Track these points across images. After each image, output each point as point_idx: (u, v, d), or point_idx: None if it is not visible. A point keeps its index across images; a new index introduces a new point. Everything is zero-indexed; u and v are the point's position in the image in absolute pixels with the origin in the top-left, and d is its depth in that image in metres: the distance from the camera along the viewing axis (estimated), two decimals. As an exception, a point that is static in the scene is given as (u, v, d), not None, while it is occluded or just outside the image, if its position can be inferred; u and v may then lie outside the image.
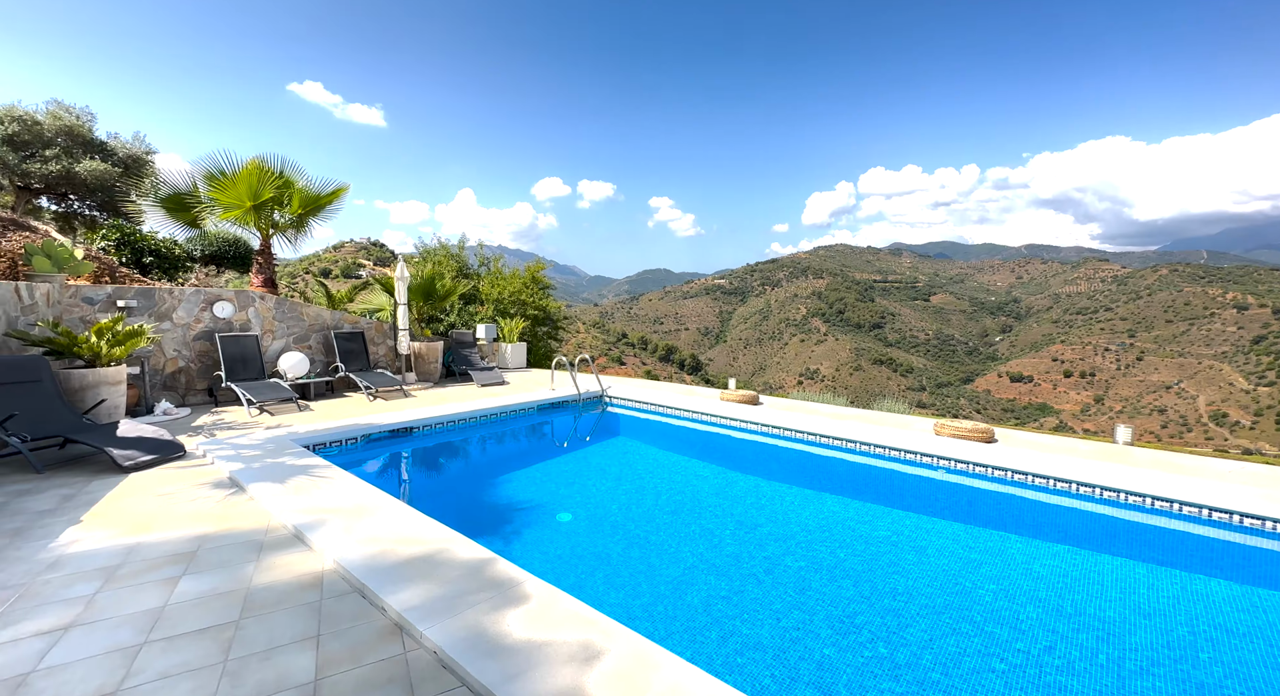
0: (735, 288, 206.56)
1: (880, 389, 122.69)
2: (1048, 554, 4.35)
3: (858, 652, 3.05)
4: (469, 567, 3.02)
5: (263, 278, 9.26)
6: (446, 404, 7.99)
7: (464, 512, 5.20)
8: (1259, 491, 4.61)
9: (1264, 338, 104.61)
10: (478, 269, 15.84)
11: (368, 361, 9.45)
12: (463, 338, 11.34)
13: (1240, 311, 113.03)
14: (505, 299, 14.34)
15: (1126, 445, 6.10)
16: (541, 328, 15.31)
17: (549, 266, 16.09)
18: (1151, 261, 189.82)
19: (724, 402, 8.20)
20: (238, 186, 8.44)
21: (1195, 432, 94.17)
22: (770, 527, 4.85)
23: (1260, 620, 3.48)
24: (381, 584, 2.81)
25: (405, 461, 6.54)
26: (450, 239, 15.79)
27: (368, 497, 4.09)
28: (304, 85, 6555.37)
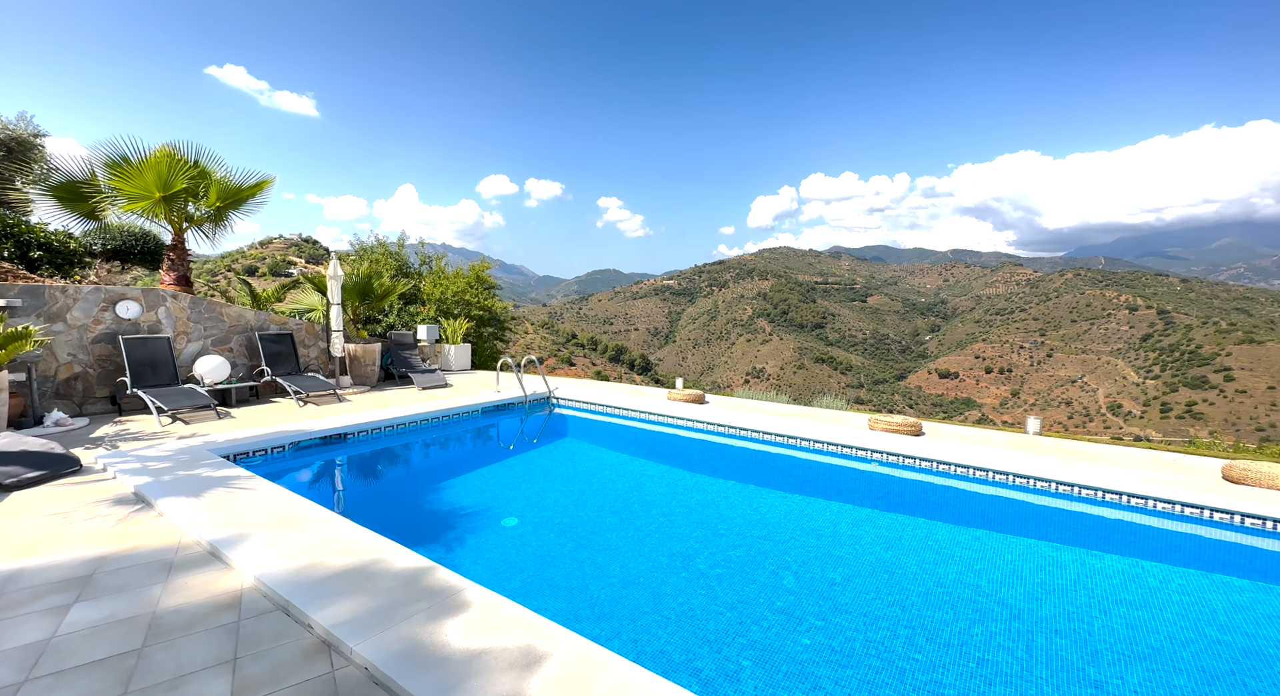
0: (684, 288, 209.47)
1: (822, 386, 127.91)
2: (969, 538, 4.66)
3: (798, 640, 3.15)
4: (405, 577, 2.89)
5: (175, 275, 8.53)
6: (384, 408, 7.64)
7: (403, 521, 4.99)
8: (1142, 473, 5.13)
9: (1150, 336, 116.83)
10: (419, 268, 15.26)
11: (297, 365, 8.89)
12: (402, 339, 10.88)
13: (1131, 312, 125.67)
14: (448, 299, 13.89)
15: (1036, 435, 6.64)
16: (487, 328, 14.94)
17: (495, 266, 15.71)
18: (1058, 266, 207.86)
19: (671, 402, 8.28)
20: (144, 175, 7.72)
21: (1096, 422, 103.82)
22: (717, 524, 4.93)
23: (1145, 589, 3.87)
24: (308, 599, 2.64)
25: (339, 469, 6.20)
26: (389, 236, 15.14)
27: (295, 509, 3.84)
28: (224, 69, 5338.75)
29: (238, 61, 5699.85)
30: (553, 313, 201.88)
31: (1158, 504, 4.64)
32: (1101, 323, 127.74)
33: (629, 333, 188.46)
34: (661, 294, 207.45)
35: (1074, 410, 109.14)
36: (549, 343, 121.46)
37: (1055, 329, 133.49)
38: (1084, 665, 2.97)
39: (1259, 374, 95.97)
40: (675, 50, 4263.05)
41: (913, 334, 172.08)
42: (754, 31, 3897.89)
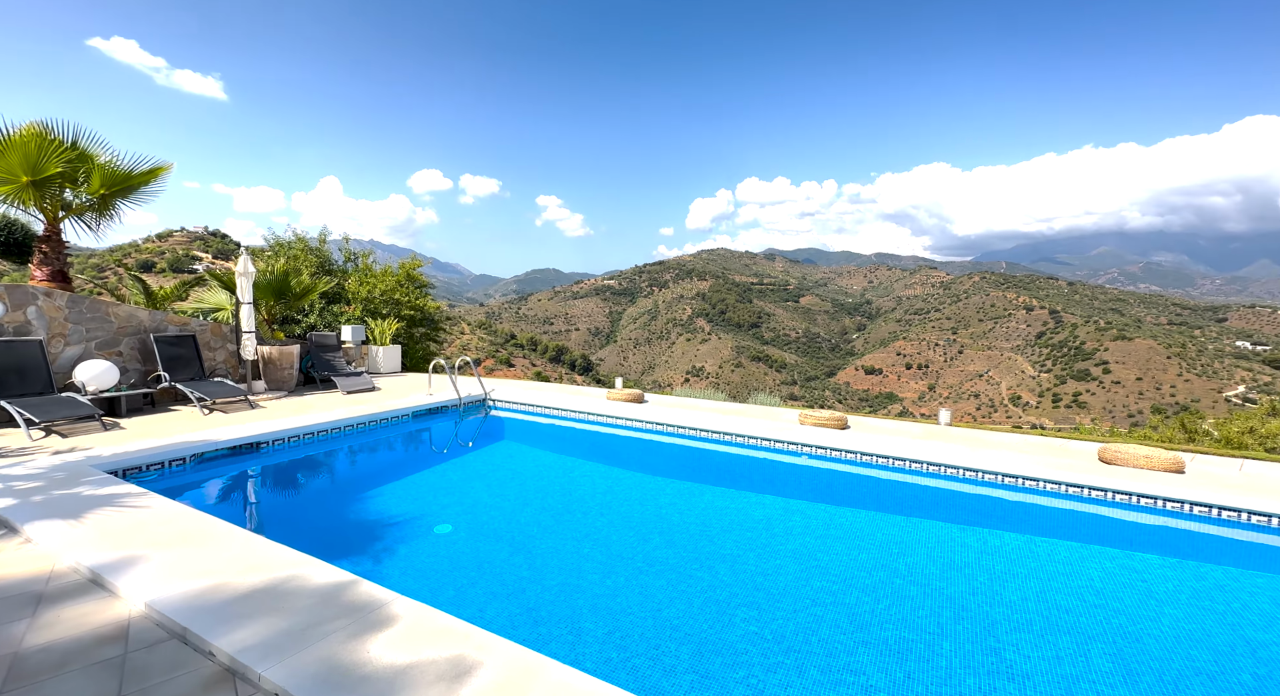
0: (625, 288, 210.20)
1: (758, 384, 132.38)
2: (888, 524, 4.97)
3: (733, 631, 3.24)
4: (324, 593, 2.71)
5: (49, 270, 7.56)
6: (303, 414, 7.14)
7: (325, 534, 4.69)
8: (1033, 458, 5.69)
9: (1044, 333, 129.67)
10: (344, 265, 14.39)
11: (201, 369, 8.13)
12: (325, 340, 10.22)
13: (1028, 312, 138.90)
14: (376, 298, 13.19)
15: (947, 426, 7.20)
16: (418, 329, 14.32)
17: (427, 264, 15.08)
18: (967, 270, 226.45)
19: (610, 402, 8.29)
20: (7, 157, 6.79)
21: (1000, 412, 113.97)
22: (654, 522, 4.98)
23: (1035, 562, 4.29)
24: (210, 624, 2.42)
25: (251, 482, 5.73)
26: (310, 231, 14.15)
27: (197, 527, 3.51)
28: (111, 42, 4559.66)
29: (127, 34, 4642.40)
30: (491, 312, 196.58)
31: (1046, 484, 5.16)
32: (1004, 321, 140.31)
33: (569, 333, 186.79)
34: (602, 294, 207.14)
35: (981, 402, 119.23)
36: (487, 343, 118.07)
37: (965, 327, 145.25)
38: (984, 636, 3.25)
39: (1130, 366, 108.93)
40: (613, 50, 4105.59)
41: (841, 333, 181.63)
42: (690, 34, 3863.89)
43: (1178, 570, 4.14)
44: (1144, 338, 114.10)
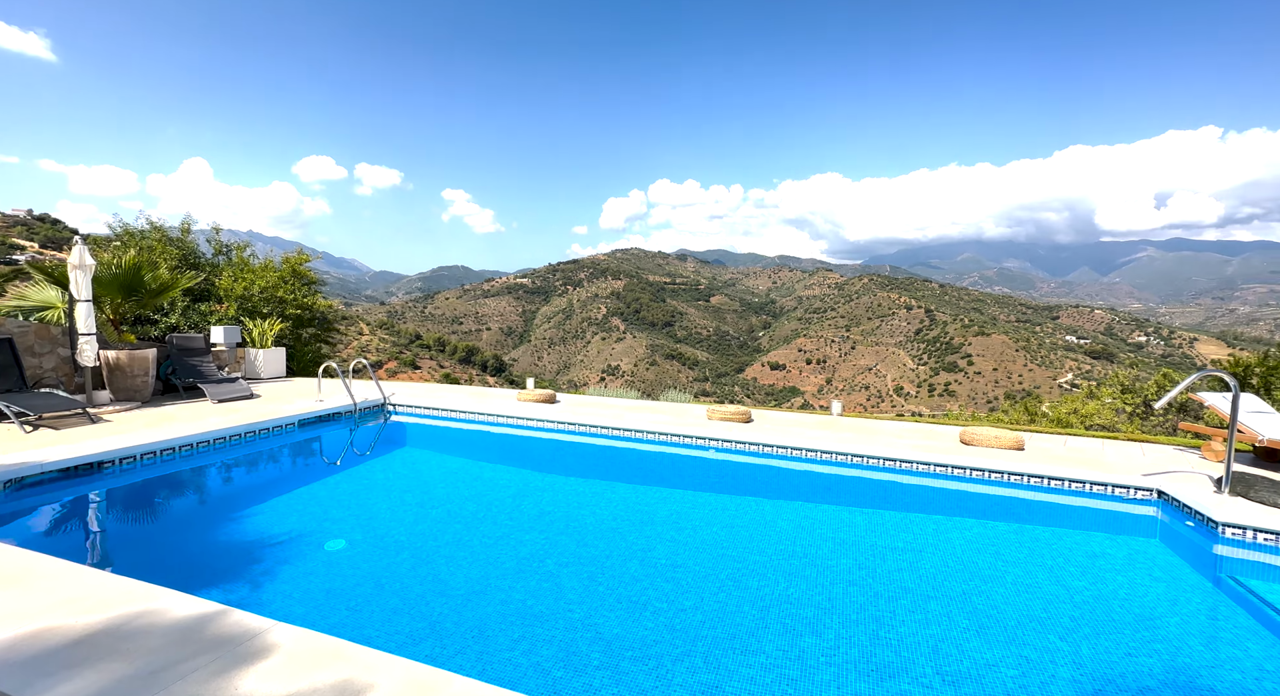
0: (538, 287, 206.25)
1: (672, 381, 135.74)
2: (788, 510, 5.31)
3: (644, 624, 3.29)
4: (184, 629, 2.40)
5: None
6: (160, 428, 6.26)
7: (190, 562, 4.15)
8: (909, 442, 6.35)
9: (921, 330, 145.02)
10: (213, 258, 12.79)
11: (22, 379, 6.86)
12: (189, 343, 9.03)
13: (908, 311, 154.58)
14: (255, 296, 11.87)
15: (839, 416, 7.83)
16: (307, 329, 13.09)
17: (317, 258, 13.82)
18: (858, 272, 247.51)
19: (521, 403, 8.10)
20: None
21: (886, 402, 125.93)
22: (567, 523, 4.94)
23: (910, 536, 4.79)
24: (30, 678, 2.05)
25: (93, 509, 4.93)
26: (170, 219, 12.43)
27: (15, 566, 2.96)
28: None
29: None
30: (393, 311, 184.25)
31: (918, 465, 5.78)
32: (888, 320, 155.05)
33: (480, 332, 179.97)
34: (515, 292, 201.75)
35: (871, 393, 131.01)
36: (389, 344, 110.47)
37: (857, 325, 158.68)
38: (868, 605, 3.57)
39: (988, 359, 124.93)
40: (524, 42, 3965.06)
41: (749, 331, 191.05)
42: (603, 31, 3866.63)
43: (1019, 534, 4.81)
44: (998, 333, 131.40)
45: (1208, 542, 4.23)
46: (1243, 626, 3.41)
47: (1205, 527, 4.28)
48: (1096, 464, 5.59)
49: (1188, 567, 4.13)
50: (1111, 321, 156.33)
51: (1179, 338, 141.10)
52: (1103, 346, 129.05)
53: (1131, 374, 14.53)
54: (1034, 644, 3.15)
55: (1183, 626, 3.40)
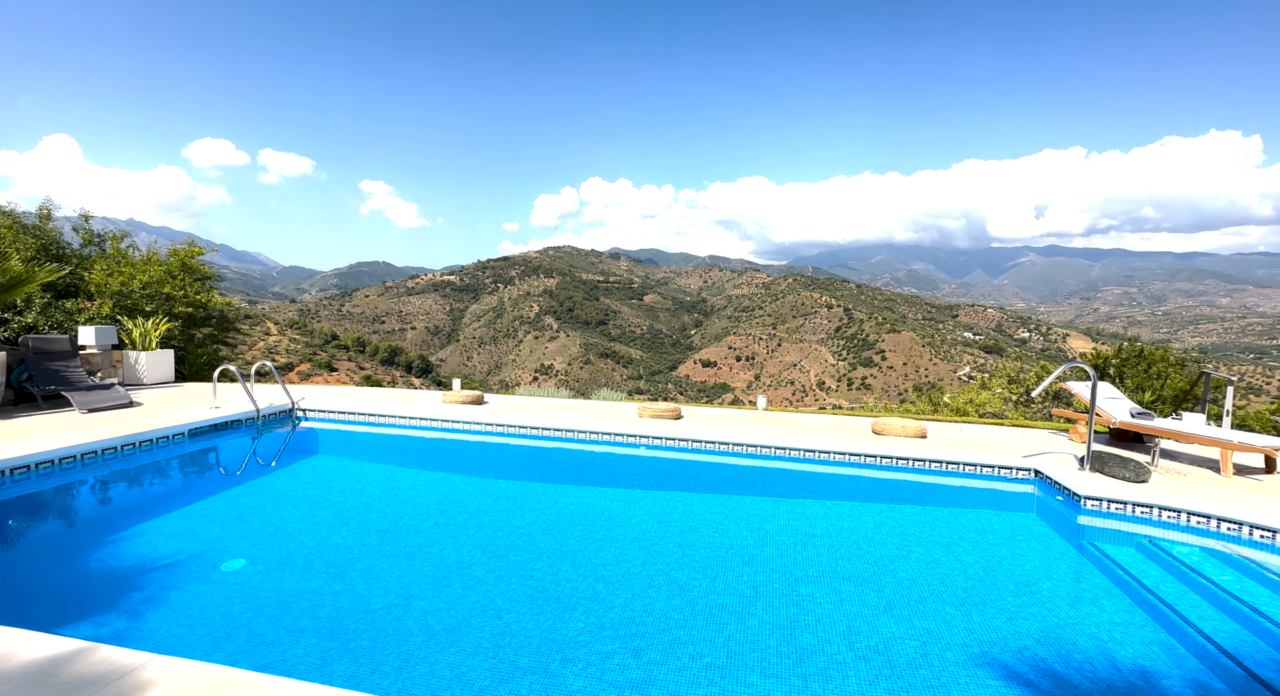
0: (467, 284, 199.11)
1: (606, 380, 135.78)
2: (716, 503, 5.47)
3: (574, 624, 3.27)
4: (36, 672, 2.10)
5: None
6: (9, 443, 5.45)
7: (50, 597, 3.64)
8: (827, 434, 6.74)
9: (840, 328, 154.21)
10: (82, 249, 11.28)
11: None
12: (50, 345, 7.91)
13: (829, 309, 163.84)
14: (135, 292, 10.59)
15: (764, 411, 8.17)
16: (200, 329, 11.87)
17: (211, 251, 12.53)
18: (783, 272, 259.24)
19: (447, 405, 7.79)
20: None
21: (810, 396, 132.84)
22: (496, 527, 4.81)
23: (828, 522, 5.08)
24: None
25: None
26: (24, 203, 10.81)
27: None
28: None
29: None
30: (306, 310, 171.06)
31: (834, 455, 6.15)
32: (811, 318, 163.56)
33: (405, 332, 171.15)
34: (442, 290, 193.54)
35: (796, 388, 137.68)
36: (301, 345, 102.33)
37: (783, 323, 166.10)
38: (789, 590, 3.75)
39: (899, 354, 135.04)
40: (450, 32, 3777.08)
41: (681, 329, 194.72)
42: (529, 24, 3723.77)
43: (922, 514, 5.24)
44: (908, 330, 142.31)
45: (1073, 514, 4.81)
46: (1099, 585, 3.91)
47: (1071, 501, 4.86)
48: (986, 448, 6.19)
49: (1058, 537, 4.68)
50: (1001, 319, 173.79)
51: (1055, 333, 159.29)
52: (994, 341, 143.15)
53: (1016, 366, 16.23)
54: (933, 615, 3.44)
55: (1053, 589, 3.84)
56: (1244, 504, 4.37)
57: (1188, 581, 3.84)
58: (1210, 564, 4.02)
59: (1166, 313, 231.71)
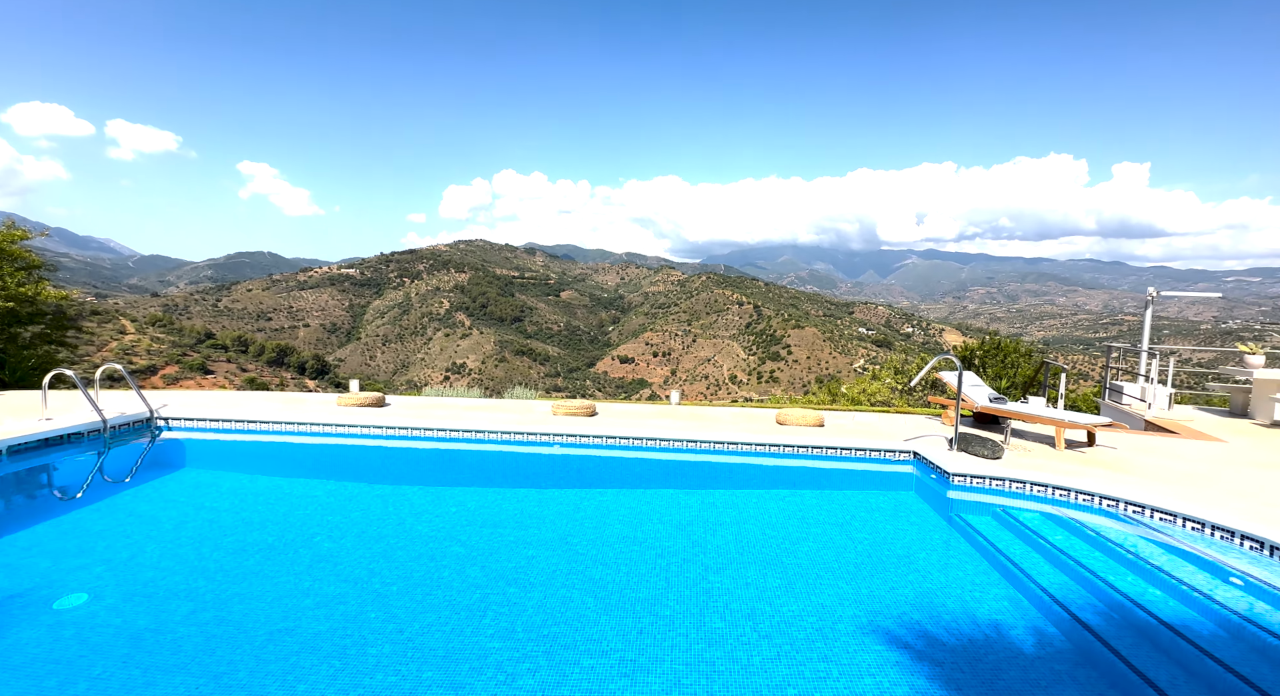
0: (369, 278, 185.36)
1: (523, 378, 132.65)
2: (631, 498, 5.53)
3: (484, 631, 3.16)
4: None
5: None
6: None
7: None
8: (736, 426, 7.05)
9: (750, 324, 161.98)
10: None
11: None
12: None
13: (740, 306, 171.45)
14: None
15: (677, 405, 8.38)
16: (28, 328, 10.05)
17: (41, 235, 10.62)
18: (697, 270, 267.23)
19: (343, 409, 7.21)
20: None
21: (723, 390, 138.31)
22: (397, 536, 4.53)
23: (735, 510, 5.32)
24: None
25: None
26: None
27: None
28: None
29: None
30: (172, 305, 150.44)
31: (742, 446, 6.45)
32: (723, 314, 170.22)
33: (296, 329, 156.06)
34: (340, 284, 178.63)
35: (710, 382, 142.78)
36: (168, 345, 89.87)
37: (697, 320, 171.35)
38: (699, 579, 3.88)
39: (803, 348, 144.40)
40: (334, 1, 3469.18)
41: (599, 325, 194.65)
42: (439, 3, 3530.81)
43: (819, 498, 5.64)
44: (810, 326, 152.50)
45: (943, 490, 5.40)
46: (964, 552, 4.43)
47: (942, 478, 5.46)
48: (875, 433, 6.79)
49: (931, 511, 5.24)
50: (890, 316, 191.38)
51: (933, 328, 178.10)
52: (884, 336, 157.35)
53: (901, 358, 17.96)
54: (829, 591, 3.72)
55: (928, 559, 4.30)
56: (1070, 473, 5.15)
57: (1030, 542, 4.46)
58: (1046, 526, 4.70)
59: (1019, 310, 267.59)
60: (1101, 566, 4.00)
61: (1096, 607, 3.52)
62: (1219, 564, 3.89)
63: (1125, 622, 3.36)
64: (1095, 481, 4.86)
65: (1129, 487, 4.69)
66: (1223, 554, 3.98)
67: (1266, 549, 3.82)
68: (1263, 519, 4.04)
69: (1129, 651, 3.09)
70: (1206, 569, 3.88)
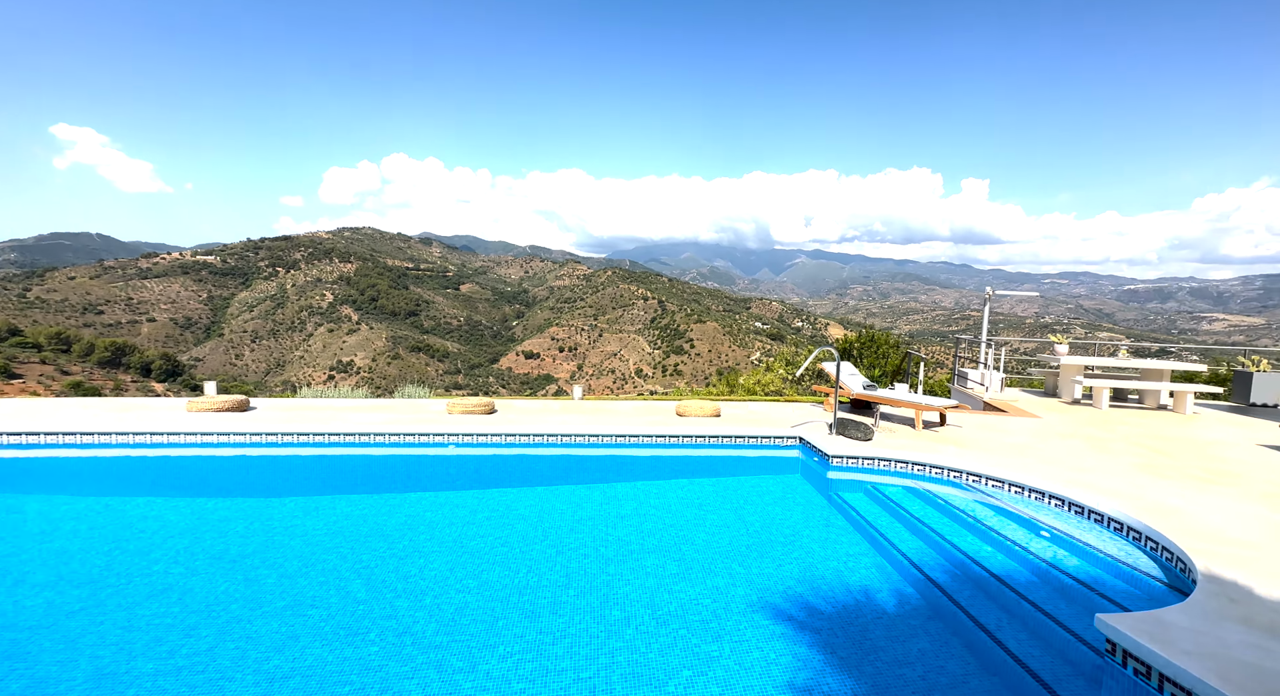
0: (233, 267, 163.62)
1: (420, 375, 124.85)
2: (532, 496, 5.42)
3: (366, 649, 2.93)
4: None
5: None
6: None
7: None
8: (638, 418, 7.17)
9: (655, 318, 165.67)
10: None
11: None
12: None
13: (645, 301, 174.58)
14: None
15: (580, 400, 8.34)
16: None
17: None
18: (603, 265, 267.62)
19: (195, 415, 6.31)
20: None
21: (629, 384, 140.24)
22: (263, 556, 4.06)
23: (637, 502, 5.40)
24: None
25: None
26: None
27: None
28: None
29: None
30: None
31: (643, 438, 6.58)
32: (629, 309, 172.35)
33: (137, 325, 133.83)
34: (195, 272, 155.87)
35: (617, 377, 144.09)
36: (-49, 344, 72.58)
37: (603, 314, 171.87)
38: (600, 571, 3.90)
39: (704, 342, 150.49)
40: None
41: (502, 320, 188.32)
42: None
43: (716, 485, 5.91)
44: (711, 321, 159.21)
45: (824, 471, 5.90)
46: (841, 527, 4.88)
47: (824, 460, 5.96)
48: (767, 421, 7.24)
49: (814, 491, 5.71)
50: (782, 311, 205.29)
51: (820, 323, 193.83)
52: (778, 330, 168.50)
53: (792, 351, 19.33)
54: (723, 574, 3.90)
55: (811, 535, 4.67)
56: (925, 450, 5.86)
57: (894, 513, 5.02)
58: (907, 498, 5.31)
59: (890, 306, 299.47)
60: (948, 530, 4.60)
61: (944, 566, 4.04)
62: (1034, 520, 4.64)
63: (965, 577, 3.89)
64: (943, 456, 5.58)
65: (968, 460, 5.43)
66: (1036, 512, 4.75)
67: (1066, 505, 4.62)
68: (1065, 481, 4.87)
69: (967, 602, 3.58)
70: (1024, 525, 4.61)
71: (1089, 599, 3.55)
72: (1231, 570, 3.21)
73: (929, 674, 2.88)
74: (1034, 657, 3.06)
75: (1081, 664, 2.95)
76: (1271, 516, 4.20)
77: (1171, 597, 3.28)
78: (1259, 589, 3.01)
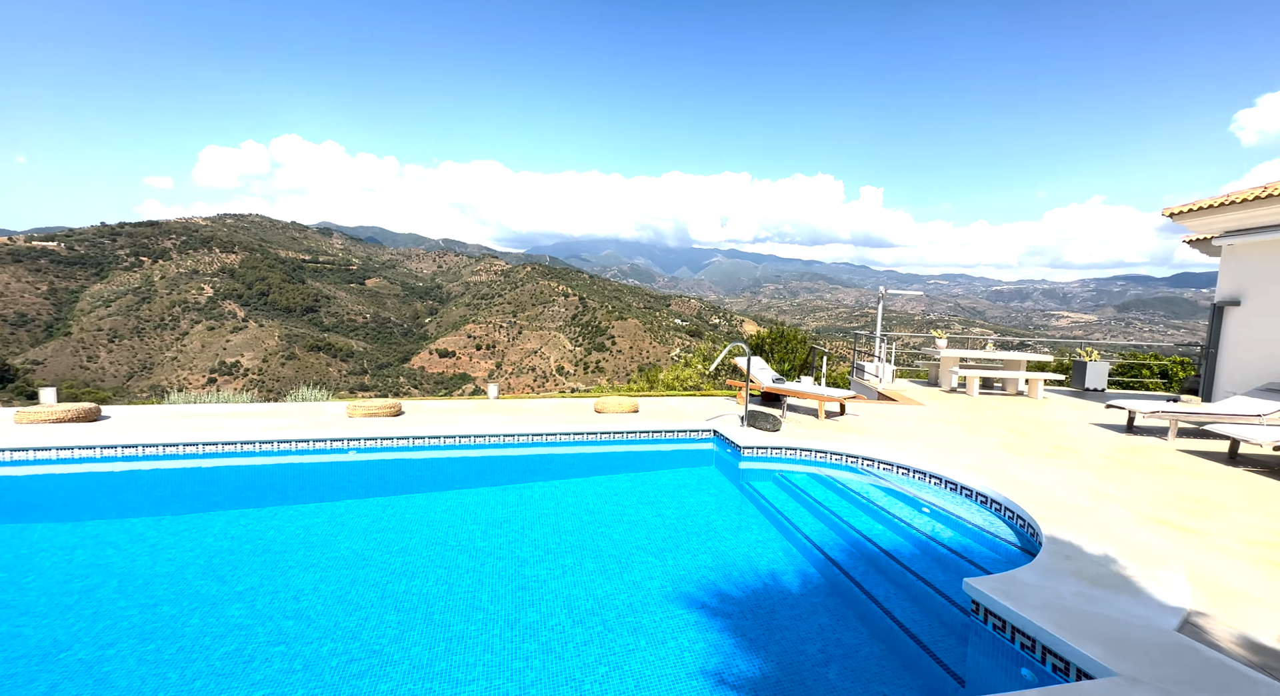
0: (83, 255, 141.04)
1: (320, 377, 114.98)
2: (442, 501, 5.17)
3: (250, 677, 2.64)
4: None
5: None
6: None
7: None
8: (557, 416, 7.07)
9: (576, 315, 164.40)
10: None
11: None
12: None
13: (566, 298, 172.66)
14: None
15: (495, 399, 8.07)
16: None
17: None
18: (522, 260, 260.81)
19: (23, 427, 5.37)
20: None
21: (550, 382, 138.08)
22: (119, 584, 3.54)
23: (555, 501, 5.32)
24: None
25: None
26: None
27: None
28: None
29: None
30: None
31: (560, 436, 6.50)
32: (549, 306, 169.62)
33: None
34: (32, 261, 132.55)
35: (538, 374, 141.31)
36: None
37: (522, 311, 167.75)
38: (515, 573, 3.80)
39: (626, 339, 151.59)
40: None
41: (413, 317, 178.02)
42: None
43: (633, 480, 5.97)
44: (633, 318, 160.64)
45: (736, 462, 6.15)
46: (752, 515, 5.11)
47: (735, 451, 6.21)
48: (683, 416, 7.42)
49: (728, 482, 5.93)
50: (700, 308, 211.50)
51: (736, 319, 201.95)
52: (696, 327, 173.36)
53: (709, 347, 19.95)
54: (640, 568, 3.94)
55: (724, 524, 4.85)
56: (826, 438, 6.29)
57: (799, 499, 5.33)
58: (810, 484, 5.67)
59: (799, 304, 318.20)
60: (846, 512, 4.96)
61: (841, 545, 4.36)
62: (917, 498, 5.13)
63: (860, 554, 4.22)
64: (841, 443, 6.01)
65: (863, 446, 5.90)
66: (920, 490, 5.26)
67: (943, 483, 5.15)
68: (943, 462, 5.43)
69: (861, 577, 3.89)
70: (909, 503, 5.08)
71: (960, 566, 3.98)
72: (1066, 531, 3.74)
73: (827, 647, 3.09)
74: (915, 622, 3.38)
75: (953, 624, 3.30)
76: (1097, 483, 4.94)
77: (1024, 559, 3.75)
78: (1086, 546, 3.53)
